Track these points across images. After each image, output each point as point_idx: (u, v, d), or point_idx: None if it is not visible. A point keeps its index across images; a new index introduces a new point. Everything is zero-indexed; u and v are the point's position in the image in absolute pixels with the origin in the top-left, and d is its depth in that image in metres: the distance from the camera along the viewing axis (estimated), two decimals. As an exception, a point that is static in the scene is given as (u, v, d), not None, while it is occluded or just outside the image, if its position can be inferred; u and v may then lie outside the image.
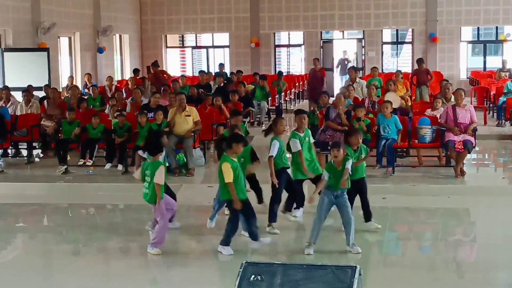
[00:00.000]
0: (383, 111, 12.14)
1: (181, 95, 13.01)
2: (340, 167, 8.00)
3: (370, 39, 27.29)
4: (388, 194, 10.91)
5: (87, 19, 23.84)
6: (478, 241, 9.17)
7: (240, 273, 4.82)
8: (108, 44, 25.11)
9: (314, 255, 7.96)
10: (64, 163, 12.93)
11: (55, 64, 21.64)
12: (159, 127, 12.60)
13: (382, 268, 7.73)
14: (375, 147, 12.09)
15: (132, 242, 8.78)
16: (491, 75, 23.28)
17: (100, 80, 23.38)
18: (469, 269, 7.83)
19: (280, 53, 28.72)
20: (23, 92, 15.75)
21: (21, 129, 14.19)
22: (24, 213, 10.87)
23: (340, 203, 8.06)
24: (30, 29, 20.34)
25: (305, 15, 27.00)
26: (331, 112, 12.44)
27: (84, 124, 13.30)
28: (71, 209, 10.95)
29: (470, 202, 10.70)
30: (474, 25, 26.83)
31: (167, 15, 27.92)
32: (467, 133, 11.67)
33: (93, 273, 7.84)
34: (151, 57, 27.78)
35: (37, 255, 8.67)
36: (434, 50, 26.37)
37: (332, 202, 8.07)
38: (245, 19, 27.36)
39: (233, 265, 7.44)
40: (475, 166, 13.33)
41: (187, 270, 7.76)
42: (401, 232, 9.68)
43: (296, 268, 4.82)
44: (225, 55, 28.40)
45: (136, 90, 15.81)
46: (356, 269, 4.74)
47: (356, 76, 16.84)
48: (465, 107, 11.94)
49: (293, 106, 22.96)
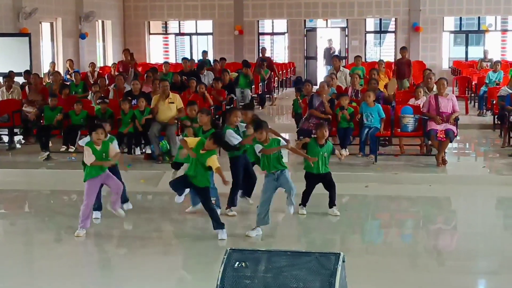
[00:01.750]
0: (366, 100, 12.18)
1: (165, 82, 12.97)
2: (266, 143, 8.24)
3: (354, 28, 27.32)
4: (371, 182, 10.96)
5: (69, 4, 23.64)
6: (458, 229, 9.26)
7: (225, 260, 4.83)
8: (90, 30, 24.92)
9: (300, 242, 8.00)
10: (46, 149, 12.86)
11: (37, 50, 21.45)
12: (141, 113, 12.56)
13: (365, 255, 7.78)
14: (358, 136, 12.15)
15: (114, 229, 8.76)
16: (473, 65, 23.40)
17: (82, 66, 23.21)
18: (449, 257, 7.91)
19: (264, 41, 28.67)
20: (4, 78, 15.61)
21: (2, 115, 14.08)
22: (5, 199, 10.79)
23: (282, 182, 8.22)
24: (11, 14, 20.13)
25: (289, 3, 26.96)
26: (314, 100, 12.48)
27: (66, 110, 13.23)
28: (53, 196, 10.90)
29: (451, 190, 10.79)
30: (457, 15, 26.93)
31: (150, 1, 27.73)
32: (449, 122, 11.74)
33: (75, 260, 7.83)
34: (134, 43, 27.66)
35: (18, 242, 8.62)
36: (417, 39, 26.45)
37: (275, 185, 8.24)
38: (228, 7, 27.26)
39: (217, 251, 7.47)
40: (456, 155, 13.43)
41: (170, 258, 7.77)
42: (383, 220, 9.76)
43: (280, 254, 4.84)
44: (209, 42, 28.29)
45: (119, 77, 15.72)
46: (340, 256, 4.77)
47: (339, 65, 16.84)
48: (447, 97, 12.01)
49: (277, 94, 22.99)
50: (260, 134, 8.23)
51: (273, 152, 8.23)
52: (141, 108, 12.61)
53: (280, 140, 8.55)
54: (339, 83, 15.64)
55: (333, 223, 9.03)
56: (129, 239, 8.44)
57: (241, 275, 4.76)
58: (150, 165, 12.09)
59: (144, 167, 12.01)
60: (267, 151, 8.22)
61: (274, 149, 8.28)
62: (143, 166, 12.12)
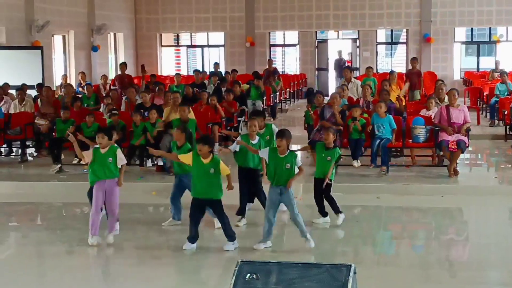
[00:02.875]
0: (377, 111, 12.17)
1: (176, 94, 13.04)
2: (283, 154, 8.01)
3: (365, 39, 27.35)
4: (382, 193, 10.95)
5: (81, 17, 23.81)
6: (470, 240, 9.22)
7: (236, 272, 4.83)
8: (102, 42, 25.07)
9: (311, 254, 7.99)
10: (58, 161, 12.92)
11: (49, 63, 21.60)
12: (153, 126, 12.60)
13: (376, 266, 7.75)
14: (370, 147, 12.13)
15: (126, 241, 8.78)
16: (484, 75, 23.35)
17: (94, 78, 23.34)
18: (461, 268, 7.86)
19: (275, 52, 28.74)
20: (17, 91, 15.72)
21: (15, 127, 14.16)
22: (17, 212, 10.85)
23: (285, 201, 8.08)
24: (24, 27, 20.29)
25: (300, 15, 27.03)
26: (326, 111, 12.47)
27: (78, 123, 13.28)
28: (65, 208, 10.93)
29: (463, 201, 10.75)
30: (468, 26, 26.92)
31: (162, 13, 27.91)
32: (461, 133, 11.72)
33: (87, 272, 7.85)
34: (145, 56, 27.83)
35: (30, 254, 8.65)
36: (428, 50, 26.44)
37: (278, 199, 8.08)
38: (240, 19, 27.37)
39: (229, 263, 7.47)
40: (468, 166, 13.38)
41: (182, 270, 7.77)
42: (394, 231, 9.72)
43: (291, 266, 4.84)
44: (220, 54, 28.40)
45: (131, 89, 15.80)
46: (351, 268, 4.76)
47: (351, 76, 16.85)
48: (458, 107, 11.98)
49: (288, 105, 23.02)
50: (279, 142, 8.02)
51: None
52: (152, 120, 12.66)
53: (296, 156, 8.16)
54: (350, 94, 15.65)
55: (344, 234, 9.02)
56: (140, 251, 8.45)
57: (252, 287, 4.76)
58: (161, 177, 12.12)
59: (155, 179, 12.03)
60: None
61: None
62: (155, 178, 12.14)
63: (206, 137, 8.57)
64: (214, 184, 8.05)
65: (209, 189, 8.02)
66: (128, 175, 12.12)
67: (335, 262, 5.31)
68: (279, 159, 8.01)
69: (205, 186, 8.01)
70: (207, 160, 8.02)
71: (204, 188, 8.02)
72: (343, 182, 11.32)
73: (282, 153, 8.02)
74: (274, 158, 8.04)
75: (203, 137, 8.42)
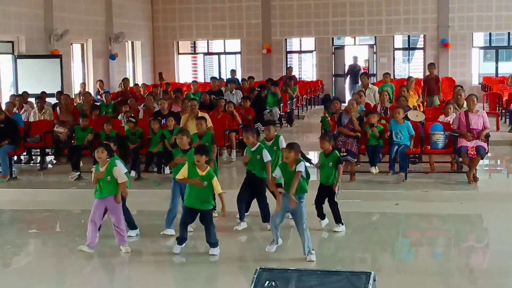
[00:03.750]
0: (396, 117, 12.13)
1: (193, 101, 13.07)
2: (292, 168, 7.94)
3: (382, 45, 27.28)
4: (401, 200, 10.91)
5: (99, 26, 23.97)
6: (491, 247, 9.14)
7: (255, 279, 4.83)
8: (120, 50, 25.22)
9: (328, 261, 7.96)
10: (77, 169, 13.00)
11: (68, 71, 21.77)
12: (171, 133, 12.64)
13: (396, 274, 7.71)
14: (388, 153, 12.09)
15: (145, 248, 8.80)
16: (503, 80, 23.21)
17: (112, 86, 23.48)
18: (482, 275, 7.80)
19: (292, 59, 28.74)
20: (37, 99, 15.84)
21: (34, 135, 14.27)
22: (36, 219, 10.92)
23: (297, 213, 7.92)
24: (43, 36, 20.47)
25: (316, 21, 27.02)
26: (343, 118, 12.44)
27: (97, 130, 13.36)
28: (83, 215, 10.94)
29: (483, 208, 10.67)
30: (486, 30, 26.76)
31: (179, 21, 28.02)
32: (480, 139, 11.64)
33: (106, 279, 7.88)
34: (163, 63, 27.96)
35: (49, 261, 8.70)
36: (446, 56, 26.32)
37: (286, 209, 7.95)
38: (256, 26, 27.41)
39: (248, 271, 7.46)
40: (487, 172, 13.28)
41: (201, 276, 7.77)
42: (414, 238, 9.66)
43: (311, 274, 4.83)
44: (237, 61, 28.46)
45: (149, 97, 15.87)
46: (371, 275, 4.74)
47: (368, 82, 16.81)
48: (477, 113, 11.91)
49: (304, 112, 23.00)
50: (287, 153, 7.93)
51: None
52: (170, 127, 12.70)
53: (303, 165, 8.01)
54: (367, 100, 15.60)
55: (363, 241, 8.98)
56: (159, 257, 8.46)
57: (271, 294, 4.75)
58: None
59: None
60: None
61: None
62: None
63: (204, 147, 8.45)
64: (206, 196, 8.12)
65: (201, 200, 8.11)
66: (146, 182, 12.24)
67: (354, 269, 5.28)
68: (290, 173, 7.93)
69: (198, 196, 8.08)
70: (203, 172, 8.07)
71: (197, 199, 8.09)
72: (361, 189, 11.28)
73: (291, 165, 7.93)
74: (285, 172, 7.98)
75: (201, 148, 8.31)
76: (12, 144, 13.14)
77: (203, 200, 8.13)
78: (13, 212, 11.36)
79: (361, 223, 9.88)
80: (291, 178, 7.87)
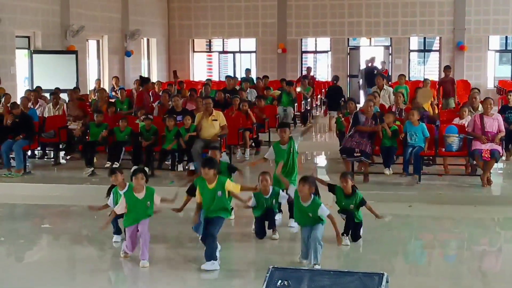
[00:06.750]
0: (410, 119, 12.08)
1: (208, 100, 13.09)
2: (305, 202, 7.57)
3: (397, 47, 27.19)
4: (414, 202, 10.88)
5: (115, 22, 24.04)
6: (503, 251, 9.10)
7: (267, 278, 4.83)
8: (135, 47, 25.28)
9: (342, 261, 7.94)
10: (91, 165, 13.04)
11: (83, 67, 21.85)
12: (186, 131, 12.66)
13: (408, 276, 7.69)
14: (402, 155, 12.05)
15: (156, 245, 8.80)
16: (519, 84, 23.06)
17: (127, 83, 23.54)
18: (494, 279, 7.76)
19: (307, 59, 28.69)
20: (51, 95, 15.92)
21: (49, 130, 14.33)
22: (50, 214, 10.97)
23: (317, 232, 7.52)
24: (59, 31, 20.55)
25: (332, 22, 26.98)
26: (360, 117, 12.30)
27: (111, 127, 13.40)
28: (97, 212, 10.98)
29: (496, 211, 10.63)
30: (502, 34, 26.63)
31: (194, 19, 28.05)
32: (495, 142, 11.59)
33: (117, 275, 7.90)
34: (178, 61, 28.00)
35: (62, 256, 8.74)
36: (462, 58, 26.20)
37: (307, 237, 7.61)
38: (272, 25, 27.40)
39: (260, 272, 7.46)
40: (502, 176, 13.21)
41: (211, 276, 7.76)
42: (426, 240, 9.63)
43: (323, 274, 4.82)
44: (252, 60, 28.46)
45: (164, 94, 15.90)
46: (383, 277, 4.73)
47: (383, 83, 16.76)
48: (492, 116, 11.86)
49: (319, 112, 22.97)
50: (301, 187, 7.55)
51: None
52: (186, 125, 12.72)
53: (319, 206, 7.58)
54: (382, 102, 15.56)
55: (376, 242, 8.95)
56: (171, 256, 8.48)
57: (283, 293, 4.75)
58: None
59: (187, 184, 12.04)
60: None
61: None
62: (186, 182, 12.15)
63: (212, 160, 8.06)
64: (223, 206, 7.88)
65: (218, 210, 7.86)
66: (159, 180, 12.25)
67: (367, 270, 5.27)
68: (302, 207, 7.64)
69: (215, 208, 7.83)
70: (213, 185, 7.79)
71: (214, 210, 7.84)
72: (375, 190, 11.24)
73: (304, 200, 7.59)
74: (298, 204, 7.70)
75: (209, 161, 7.97)
76: (26, 139, 13.21)
77: (223, 208, 7.89)
78: (27, 206, 11.43)
79: (373, 225, 9.84)
80: (304, 213, 7.60)
